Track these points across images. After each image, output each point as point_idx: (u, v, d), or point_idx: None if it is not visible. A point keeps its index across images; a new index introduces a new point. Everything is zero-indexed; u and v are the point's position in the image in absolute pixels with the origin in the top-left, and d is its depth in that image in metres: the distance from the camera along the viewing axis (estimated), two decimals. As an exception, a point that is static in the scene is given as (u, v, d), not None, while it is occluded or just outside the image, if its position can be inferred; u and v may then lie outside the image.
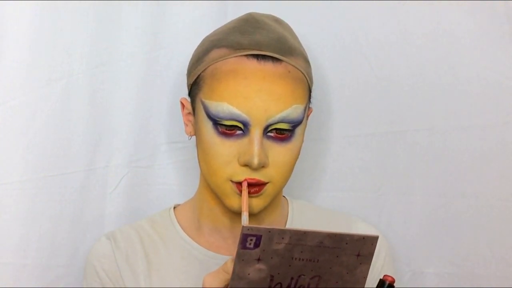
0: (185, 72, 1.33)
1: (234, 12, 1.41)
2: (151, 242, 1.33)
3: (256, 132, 1.21)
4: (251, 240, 1.03)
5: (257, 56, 1.23)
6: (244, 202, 1.20)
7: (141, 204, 1.47)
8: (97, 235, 1.41)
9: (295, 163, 1.26)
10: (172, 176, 1.49)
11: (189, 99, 1.30)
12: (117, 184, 1.45)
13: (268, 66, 1.22)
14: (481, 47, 1.45)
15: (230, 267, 1.10)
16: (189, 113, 1.30)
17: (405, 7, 1.46)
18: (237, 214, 1.25)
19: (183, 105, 1.31)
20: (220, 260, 1.30)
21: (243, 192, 1.21)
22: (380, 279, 1.11)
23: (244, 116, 1.20)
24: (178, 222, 1.34)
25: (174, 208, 1.37)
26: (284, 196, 1.38)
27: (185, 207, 1.36)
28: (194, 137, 1.30)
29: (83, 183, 1.43)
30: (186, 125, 1.31)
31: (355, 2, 1.46)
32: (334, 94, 1.49)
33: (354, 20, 1.47)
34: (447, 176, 1.49)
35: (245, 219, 1.18)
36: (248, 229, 1.02)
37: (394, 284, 1.11)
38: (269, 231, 1.02)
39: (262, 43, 1.23)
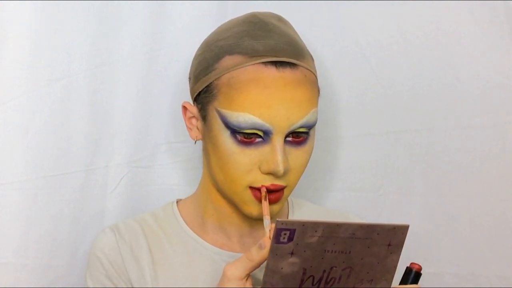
0: (185, 72, 1.32)
1: (234, 12, 1.41)
2: (155, 236, 1.32)
3: (278, 140, 1.21)
4: (284, 234, 1.03)
5: (275, 63, 1.22)
6: (265, 207, 1.20)
7: (141, 204, 1.47)
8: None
9: (307, 163, 1.26)
10: (172, 176, 1.49)
11: (192, 103, 1.29)
12: (117, 184, 1.45)
13: (287, 72, 1.22)
14: (481, 47, 1.45)
15: (254, 254, 1.11)
16: (193, 117, 1.29)
17: (405, 7, 1.46)
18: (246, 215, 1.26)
19: (185, 110, 1.30)
20: (225, 256, 1.29)
21: (262, 198, 1.21)
22: (407, 267, 1.13)
23: (267, 125, 1.20)
24: (182, 218, 1.33)
25: (177, 203, 1.36)
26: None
27: (188, 203, 1.35)
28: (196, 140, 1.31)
29: (83, 183, 1.43)
30: (190, 129, 1.30)
31: (355, 2, 1.46)
32: (334, 94, 1.49)
33: (354, 21, 1.47)
34: (447, 176, 1.49)
35: (267, 223, 1.18)
36: (282, 224, 1.02)
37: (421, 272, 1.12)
38: (303, 225, 1.03)
39: (277, 48, 1.22)
